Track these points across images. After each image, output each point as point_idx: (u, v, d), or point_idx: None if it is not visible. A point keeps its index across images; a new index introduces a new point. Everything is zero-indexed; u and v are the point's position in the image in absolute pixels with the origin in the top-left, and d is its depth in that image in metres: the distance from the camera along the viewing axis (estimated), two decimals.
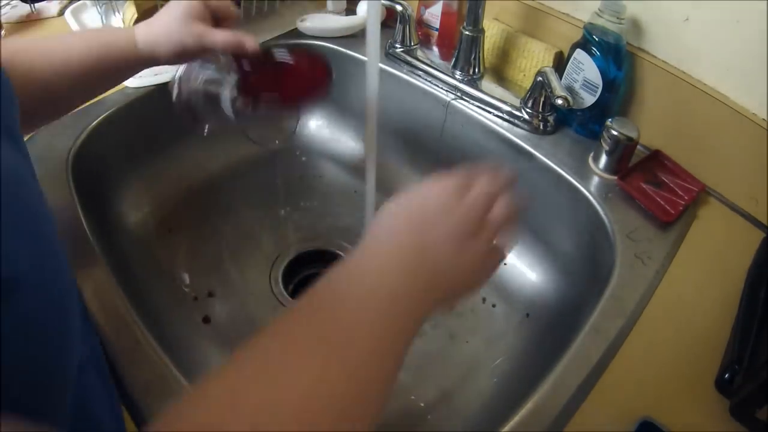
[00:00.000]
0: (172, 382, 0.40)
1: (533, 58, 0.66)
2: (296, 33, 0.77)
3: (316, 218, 0.71)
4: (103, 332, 0.43)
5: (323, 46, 0.76)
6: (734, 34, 0.51)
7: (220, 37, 0.46)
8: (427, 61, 0.70)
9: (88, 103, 0.63)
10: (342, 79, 0.77)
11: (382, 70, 0.72)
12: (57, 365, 0.26)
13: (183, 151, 0.71)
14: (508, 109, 0.63)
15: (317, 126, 0.81)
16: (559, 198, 0.59)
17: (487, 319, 0.61)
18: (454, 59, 0.68)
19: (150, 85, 0.65)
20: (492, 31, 0.68)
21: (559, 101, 0.55)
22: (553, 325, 0.57)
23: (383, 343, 0.29)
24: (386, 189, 0.74)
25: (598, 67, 0.57)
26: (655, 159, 0.59)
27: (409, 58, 0.71)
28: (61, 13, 0.81)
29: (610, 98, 0.58)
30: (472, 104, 0.66)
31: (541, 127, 0.62)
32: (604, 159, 0.57)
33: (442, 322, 0.60)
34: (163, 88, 0.54)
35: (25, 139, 0.58)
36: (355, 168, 0.77)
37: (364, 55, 0.74)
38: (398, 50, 0.72)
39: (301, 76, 0.49)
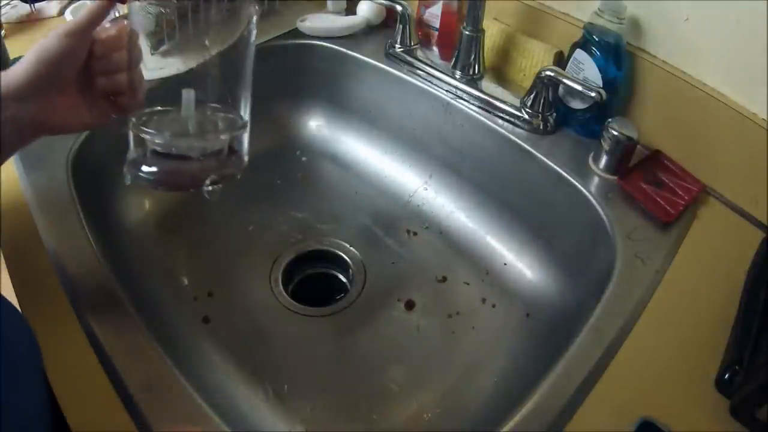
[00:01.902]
0: (172, 382, 0.40)
1: (533, 58, 0.66)
2: (296, 33, 0.77)
3: (316, 218, 0.71)
4: (102, 332, 0.43)
5: (323, 46, 0.76)
6: (734, 34, 0.51)
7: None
8: (427, 61, 0.70)
9: None
10: (342, 79, 0.77)
11: (382, 70, 0.73)
12: None
13: None
14: (508, 109, 0.63)
15: (317, 126, 0.81)
16: (559, 198, 0.59)
17: (487, 319, 0.61)
18: (454, 59, 0.68)
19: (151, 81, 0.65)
20: (492, 31, 0.68)
21: (593, 94, 0.55)
22: (553, 325, 0.57)
23: None
24: (386, 189, 0.75)
25: (598, 67, 0.57)
26: (655, 159, 0.59)
27: (409, 58, 0.71)
28: (61, 13, 0.81)
29: (610, 98, 0.58)
30: (472, 104, 0.66)
31: (541, 127, 0.62)
32: (604, 159, 0.57)
33: (443, 322, 0.60)
34: (164, 87, 0.54)
35: None
36: (356, 168, 0.77)
37: (364, 55, 0.74)
38: (398, 50, 0.72)
39: None
